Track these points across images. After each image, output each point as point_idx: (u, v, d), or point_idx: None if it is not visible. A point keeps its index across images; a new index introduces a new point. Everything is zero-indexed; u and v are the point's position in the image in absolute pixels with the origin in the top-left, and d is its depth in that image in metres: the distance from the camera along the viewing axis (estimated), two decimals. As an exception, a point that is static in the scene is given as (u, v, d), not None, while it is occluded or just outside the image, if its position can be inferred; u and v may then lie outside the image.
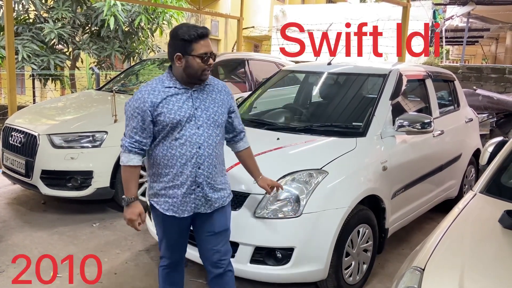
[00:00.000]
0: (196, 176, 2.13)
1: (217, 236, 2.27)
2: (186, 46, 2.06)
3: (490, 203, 2.32)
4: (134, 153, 2.12)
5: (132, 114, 2.10)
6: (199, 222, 2.27)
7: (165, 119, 2.07)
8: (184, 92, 2.13)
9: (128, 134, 2.12)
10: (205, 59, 2.07)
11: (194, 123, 2.11)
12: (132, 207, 2.14)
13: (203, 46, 2.07)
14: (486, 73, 7.53)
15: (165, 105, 2.08)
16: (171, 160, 2.12)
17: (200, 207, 2.19)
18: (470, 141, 4.53)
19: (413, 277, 1.77)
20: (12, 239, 3.67)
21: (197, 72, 2.09)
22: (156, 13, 9.46)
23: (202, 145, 2.12)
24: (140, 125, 2.09)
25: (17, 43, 7.82)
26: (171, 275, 2.39)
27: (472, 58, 19.62)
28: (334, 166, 2.79)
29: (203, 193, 2.17)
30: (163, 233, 2.29)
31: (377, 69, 3.79)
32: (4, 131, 4.49)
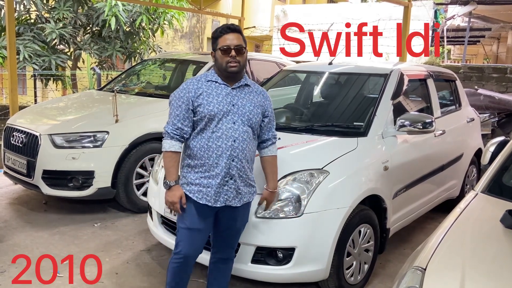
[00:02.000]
0: (230, 168, 2.26)
1: (237, 230, 2.45)
2: (214, 43, 2.30)
3: (492, 203, 2.31)
4: (176, 139, 2.28)
5: (176, 103, 2.28)
6: (223, 215, 2.37)
7: (204, 110, 2.23)
8: (224, 88, 2.30)
9: (172, 121, 2.28)
10: (225, 51, 2.23)
11: (230, 118, 2.26)
12: (173, 190, 2.28)
13: (226, 40, 2.25)
14: (488, 72, 7.52)
15: (205, 97, 2.26)
16: (207, 152, 2.25)
17: (232, 200, 2.32)
18: (471, 141, 4.52)
19: (414, 277, 1.77)
20: (14, 239, 3.68)
21: (222, 64, 2.26)
22: (157, 13, 9.47)
23: (237, 139, 2.26)
24: (183, 113, 2.26)
25: (19, 43, 7.84)
26: (183, 269, 2.41)
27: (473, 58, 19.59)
28: (335, 166, 2.79)
29: (236, 186, 2.30)
30: (190, 225, 2.32)
31: (378, 68, 3.79)
32: (5, 131, 4.50)
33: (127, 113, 4.31)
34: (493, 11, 11.93)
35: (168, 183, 2.28)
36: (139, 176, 4.28)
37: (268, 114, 2.43)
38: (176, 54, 6.21)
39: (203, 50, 16.37)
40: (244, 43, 2.30)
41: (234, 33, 2.27)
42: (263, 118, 2.41)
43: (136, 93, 5.15)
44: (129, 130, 4.20)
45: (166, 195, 2.30)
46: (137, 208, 4.27)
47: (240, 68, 2.27)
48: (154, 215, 3.20)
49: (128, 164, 4.14)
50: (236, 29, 2.29)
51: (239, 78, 2.34)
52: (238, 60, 2.25)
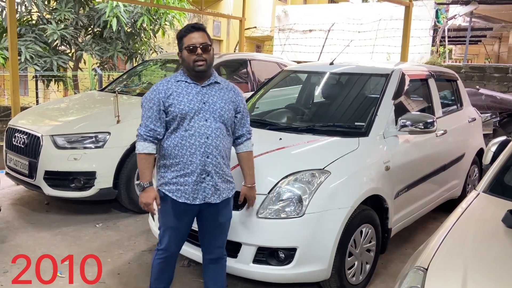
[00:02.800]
0: (205, 165, 2.29)
1: (221, 226, 2.45)
2: (180, 43, 2.33)
3: (494, 202, 2.31)
4: (149, 141, 2.31)
5: (147, 105, 2.31)
6: (205, 213, 2.39)
7: (175, 109, 2.27)
8: (194, 87, 2.33)
9: (144, 123, 2.31)
10: (191, 50, 2.27)
11: (202, 116, 2.29)
12: (147, 192, 2.32)
13: (191, 39, 2.28)
14: (489, 72, 7.51)
15: (176, 97, 2.29)
16: (181, 150, 2.28)
17: (210, 197, 2.34)
18: (473, 140, 4.51)
19: (416, 277, 1.77)
20: (16, 239, 3.69)
21: (189, 63, 2.29)
22: (158, 14, 9.48)
23: (210, 136, 2.29)
24: (154, 114, 2.29)
25: (20, 44, 7.86)
26: (166, 265, 2.51)
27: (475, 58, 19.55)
28: (336, 166, 2.78)
29: (213, 182, 2.32)
30: (170, 223, 2.38)
31: (380, 68, 3.78)
32: (7, 132, 4.51)
33: (129, 114, 4.31)
34: (495, 11, 11.91)
35: (142, 184, 2.31)
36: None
37: (240, 110, 2.46)
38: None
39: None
40: (209, 41, 2.33)
41: (198, 32, 2.30)
42: (236, 114, 2.44)
43: (138, 94, 5.16)
44: (130, 130, 4.17)
45: (140, 196, 2.34)
46: (138, 209, 4.26)
47: (207, 66, 2.30)
48: (155, 215, 3.20)
49: (129, 164, 4.14)
50: (200, 27, 2.33)
51: (208, 76, 2.37)
52: (204, 58, 2.28)
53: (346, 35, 11.30)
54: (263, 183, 2.69)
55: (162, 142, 2.35)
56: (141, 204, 2.35)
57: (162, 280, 2.53)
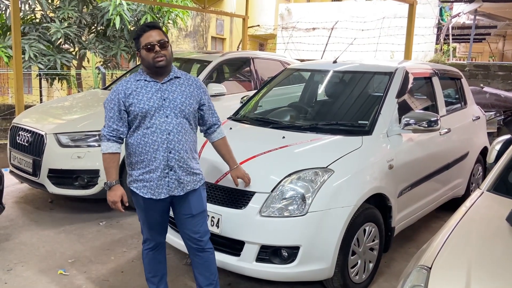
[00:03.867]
0: (168, 160, 2.33)
1: (195, 217, 2.47)
2: (137, 43, 2.37)
3: (498, 201, 2.30)
4: (112, 141, 2.36)
5: (108, 105, 2.36)
6: (177, 206, 2.47)
7: (135, 108, 2.31)
8: (153, 85, 2.36)
9: (107, 124, 2.36)
10: (149, 48, 2.30)
11: (163, 113, 2.32)
12: (114, 190, 2.38)
13: (148, 37, 2.31)
14: (493, 70, 7.47)
15: (136, 96, 2.33)
16: (144, 147, 2.33)
17: (174, 190, 2.38)
18: (477, 139, 4.49)
19: (419, 276, 1.76)
20: (20, 237, 3.70)
21: (149, 61, 2.32)
22: (162, 12, 9.48)
23: (172, 132, 2.33)
24: (116, 114, 2.34)
25: (24, 42, 7.88)
26: (155, 256, 2.59)
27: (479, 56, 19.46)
28: (339, 165, 2.78)
29: (176, 176, 2.36)
30: (145, 217, 2.49)
31: (383, 67, 3.77)
32: (11, 130, 4.53)
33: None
34: (499, 9, 11.84)
35: (108, 183, 2.37)
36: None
37: (204, 102, 2.49)
38: (181, 53, 6.22)
39: (207, 49, 16.38)
40: (166, 38, 2.36)
41: (154, 30, 2.33)
42: (200, 107, 2.48)
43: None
44: (134, 129, 4.21)
45: (108, 195, 2.39)
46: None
47: (167, 61, 2.34)
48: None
49: (133, 163, 4.14)
50: (155, 25, 2.36)
51: (167, 72, 2.40)
52: (163, 54, 2.31)
53: (350, 33, 11.27)
54: (266, 181, 2.69)
55: (126, 141, 2.41)
56: (109, 203, 2.40)
57: (154, 273, 2.59)
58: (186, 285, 3.03)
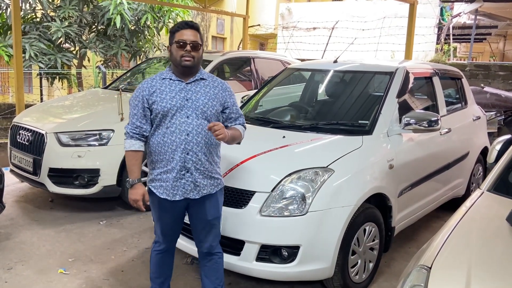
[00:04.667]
0: (185, 161, 2.30)
1: (209, 223, 2.44)
2: (171, 37, 2.35)
3: (498, 201, 2.30)
4: (135, 139, 2.35)
5: (133, 103, 2.35)
6: (192, 210, 2.43)
7: (158, 107, 2.29)
8: (178, 84, 2.35)
9: (131, 120, 2.35)
10: (181, 45, 2.28)
11: (184, 113, 2.30)
12: (135, 189, 2.36)
13: (183, 35, 2.30)
14: (494, 70, 7.46)
15: (159, 94, 2.31)
16: (163, 147, 2.31)
17: (189, 193, 2.35)
18: (477, 139, 4.49)
19: (419, 276, 1.76)
20: (20, 236, 3.71)
21: (176, 58, 2.31)
22: (162, 12, 9.48)
23: (191, 133, 2.29)
24: (140, 112, 2.33)
25: (25, 42, 7.88)
26: (163, 259, 2.56)
27: (479, 56, 19.45)
28: (340, 164, 2.78)
29: (193, 178, 2.33)
30: (158, 217, 2.45)
31: (384, 66, 3.77)
32: (12, 129, 4.53)
33: (132, 111, 4.32)
34: (500, 9, 11.83)
35: (130, 181, 2.36)
36: (144, 174, 4.28)
37: (228, 106, 2.45)
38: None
39: (208, 48, 16.37)
40: (200, 41, 2.34)
41: (191, 30, 2.32)
42: (223, 110, 2.44)
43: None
44: (134, 128, 4.21)
45: (129, 193, 2.38)
46: (142, 206, 4.28)
47: (194, 63, 2.31)
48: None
49: (133, 162, 4.14)
50: (194, 26, 2.35)
51: (194, 73, 2.37)
52: (193, 55, 2.29)
53: (350, 33, 11.27)
54: (267, 181, 2.69)
55: (148, 139, 2.39)
56: (130, 201, 2.39)
57: (159, 275, 2.58)
58: (186, 284, 3.03)
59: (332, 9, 13.52)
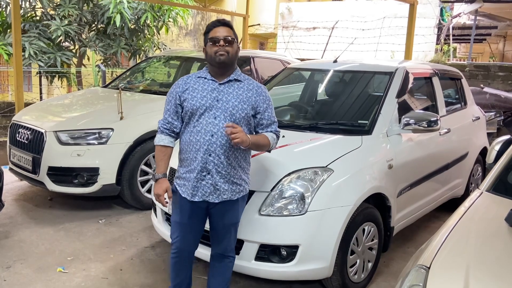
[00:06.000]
0: (207, 162, 2.27)
1: (226, 228, 2.42)
2: (205, 38, 2.34)
3: (497, 201, 2.31)
4: (165, 134, 2.37)
5: (168, 98, 2.38)
6: (212, 212, 2.39)
7: (188, 104, 2.29)
8: (211, 84, 2.33)
9: (163, 115, 2.38)
10: (214, 41, 2.26)
11: (212, 113, 2.27)
12: (159, 183, 2.35)
13: (216, 32, 2.29)
14: (494, 71, 7.47)
15: (191, 92, 2.31)
16: (189, 146, 2.31)
17: (209, 195, 2.31)
18: (476, 139, 4.50)
19: (418, 276, 1.76)
20: (19, 235, 3.70)
21: (211, 55, 2.28)
22: (162, 11, 9.47)
23: (216, 134, 2.25)
24: (172, 108, 2.35)
25: (24, 40, 7.87)
26: (178, 264, 2.49)
27: (479, 56, 19.45)
28: (339, 164, 2.78)
29: (213, 181, 2.29)
30: (177, 215, 2.41)
31: (384, 66, 3.77)
32: (11, 127, 4.53)
33: (132, 110, 4.32)
34: (500, 9, 11.84)
35: (155, 176, 2.37)
36: (144, 173, 4.29)
37: (260, 110, 2.36)
38: (181, 51, 6.21)
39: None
40: (234, 36, 2.32)
41: (224, 27, 2.31)
42: (255, 114, 2.36)
43: (141, 91, 5.17)
44: (133, 127, 4.21)
45: (153, 187, 2.39)
46: (141, 205, 4.29)
47: (228, 58, 2.26)
48: (158, 212, 3.21)
49: (132, 161, 4.15)
50: (226, 23, 2.33)
51: (229, 72, 2.33)
52: (227, 50, 2.25)
53: (350, 32, 11.27)
54: (266, 180, 2.69)
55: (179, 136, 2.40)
56: (154, 195, 2.39)
57: (175, 280, 2.51)
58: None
59: (332, 9, 13.52)
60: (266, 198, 2.63)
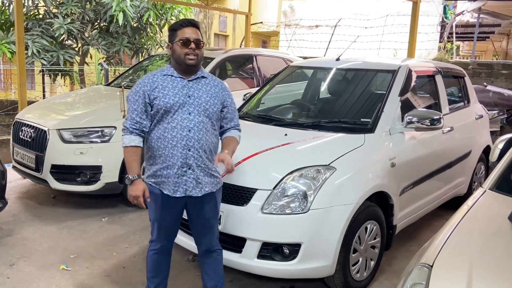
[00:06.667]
0: (187, 158, 2.30)
1: (208, 221, 2.46)
2: (172, 35, 2.35)
3: (500, 200, 2.30)
4: (135, 134, 2.33)
5: (133, 98, 2.34)
6: (191, 208, 2.43)
7: (160, 102, 2.29)
8: (180, 81, 2.36)
9: (130, 116, 2.34)
10: (185, 43, 2.29)
11: (186, 109, 2.31)
12: (136, 185, 2.32)
13: (185, 33, 2.31)
14: (497, 69, 7.44)
15: (161, 90, 2.32)
16: (163, 143, 2.31)
17: (192, 190, 2.35)
18: (480, 138, 4.48)
19: (421, 274, 1.76)
20: (22, 232, 3.72)
21: (180, 56, 2.32)
22: (165, 9, 9.47)
23: (192, 129, 2.30)
24: (140, 107, 2.32)
25: (27, 38, 7.88)
26: (160, 260, 2.53)
27: (482, 54, 19.37)
28: (342, 162, 2.78)
29: (195, 175, 2.33)
30: (157, 214, 2.43)
31: (386, 64, 3.76)
32: (14, 125, 4.54)
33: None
34: (503, 7, 11.79)
35: (130, 178, 2.32)
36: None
37: (227, 104, 2.47)
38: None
39: (210, 45, 16.36)
40: (202, 38, 2.37)
41: (193, 28, 2.34)
42: (222, 109, 2.46)
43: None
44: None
45: (129, 189, 2.34)
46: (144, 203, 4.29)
47: (197, 61, 2.34)
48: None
49: (135, 159, 4.15)
50: (195, 24, 2.37)
51: (195, 71, 2.39)
52: (196, 53, 2.32)
53: (353, 30, 11.23)
54: (268, 178, 2.69)
55: (147, 135, 2.39)
56: (130, 198, 2.36)
57: (156, 274, 2.56)
58: (187, 281, 3.04)
59: (335, 7, 13.47)
60: (268, 196, 2.63)
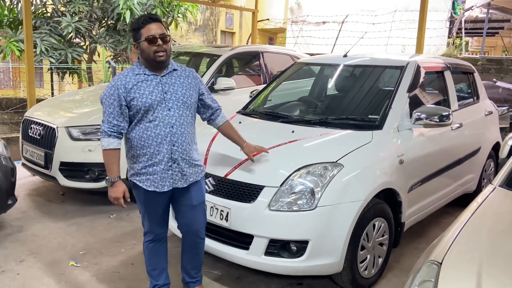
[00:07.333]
0: (172, 153, 2.36)
1: (196, 208, 2.53)
2: (137, 35, 2.34)
3: (510, 197, 2.28)
4: (113, 137, 2.35)
5: (107, 101, 2.33)
6: (178, 197, 2.49)
7: (138, 103, 2.30)
8: (153, 78, 2.36)
9: (106, 119, 2.34)
10: (152, 40, 2.28)
11: (165, 106, 2.33)
12: (116, 186, 2.39)
13: (150, 30, 2.29)
14: (507, 65, 7.36)
15: (137, 90, 2.31)
16: (147, 141, 2.34)
17: (178, 182, 2.42)
18: (489, 134, 4.44)
19: (430, 271, 1.75)
20: (32, 229, 3.75)
21: (149, 54, 2.30)
22: (171, 6, 9.49)
23: (175, 125, 2.35)
24: (117, 110, 2.32)
25: (36, 36, 7.94)
26: (155, 248, 2.60)
27: (492, 50, 19.15)
28: (349, 159, 2.76)
29: (180, 168, 2.39)
30: (146, 209, 2.50)
31: (394, 61, 3.73)
32: (23, 123, 4.58)
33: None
34: (513, 2, 11.64)
35: (110, 179, 2.37)
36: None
37: (203, 92, 2.53)
38: (190, 47, 6.22)
39: (217, 43, 16.36)
40: (167, 32, 2.36)
41: (156, 23, 2.32)
42: (200, 96, 2.51)
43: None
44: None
45: (109, 191, 2.39)
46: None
47: (167, 56, 2.34)
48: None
49: (143, 156, 4.17)
50: (157, 18, 2.36)
51: (166, 66, 2.40)
52: (164, 48, 2.31)
53: (360, 27, 11.16)
54: (276, 175, 2.69)
55: (127, 135, 2.40)
56: (110, 199, 2.40)
57: (154, 266, 2.61)
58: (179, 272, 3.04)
59: (342, 2, 13.40)
60: (275, 193, 2.63)
